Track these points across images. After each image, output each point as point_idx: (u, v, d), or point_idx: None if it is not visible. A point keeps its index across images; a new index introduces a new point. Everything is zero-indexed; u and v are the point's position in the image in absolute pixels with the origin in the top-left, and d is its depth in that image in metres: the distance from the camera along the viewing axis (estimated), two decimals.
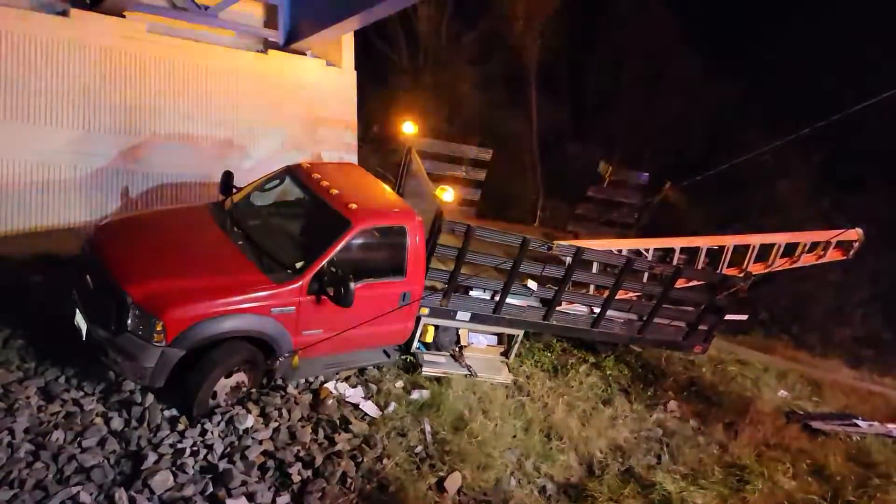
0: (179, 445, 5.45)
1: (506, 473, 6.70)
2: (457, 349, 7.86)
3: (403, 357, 7.47)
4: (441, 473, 6.33)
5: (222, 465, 5.42)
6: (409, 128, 9.33)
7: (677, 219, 9.77)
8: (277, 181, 7.12)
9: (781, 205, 10.96)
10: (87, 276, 5.74)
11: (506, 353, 8.18)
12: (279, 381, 6.33)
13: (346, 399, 6.69)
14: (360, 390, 6.87)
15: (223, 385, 5.91)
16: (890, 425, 9.84)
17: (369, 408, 6.71)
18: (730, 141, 14.32)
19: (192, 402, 5.70)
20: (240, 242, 6.23)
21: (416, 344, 7.44)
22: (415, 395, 7.13)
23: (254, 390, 6.16)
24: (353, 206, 6.37)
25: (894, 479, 8.25)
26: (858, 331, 14.40)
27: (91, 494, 4.88)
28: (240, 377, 6.03)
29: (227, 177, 7.03)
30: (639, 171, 10.90)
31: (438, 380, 7.42)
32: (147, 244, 6.02)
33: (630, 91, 14.69)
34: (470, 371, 7.66)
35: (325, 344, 6.22)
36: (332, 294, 5.91)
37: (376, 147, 11.60)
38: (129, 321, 5.37)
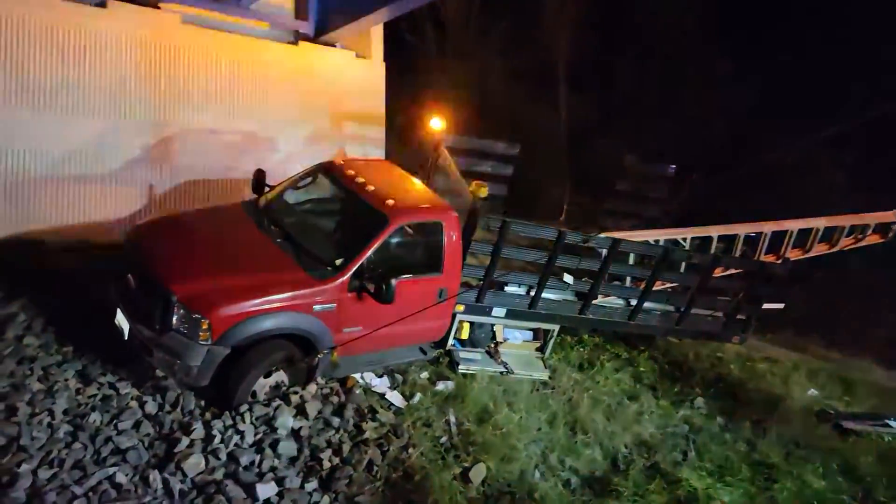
0: (212, 432, 5.55)
1: (530, 466, 6.71)
2: (492, 345, 7.84)
3: (439, 354, 7.47)
4: (466, 464, 6.37)
5: (252, 451, 5.52)
6: (436, 123, 9.32)
7: (705, 212, 9.64)
8: (310, 178, 7.15)
9: (811, 201, 10.74)
10: (129, 276, 5.78)
11: (541, 349, 8.15)
12: (318, 380, 6.35)
13: (373, 388, 6.77)
14: (385, 380, 6.94)
15: (262, 384, 5.95)
16: None
17: (395, 398, 6.78)
18: (755, 137, 14.17)
19: (230, 401, 5.74)
20: (278, 240, 6.25)
21: (451, 341, 7.43)
22: (440, 386, 7.18)
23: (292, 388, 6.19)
24: (391, 202, 6.38)
25: None
26: (892, 331, 14.13)
27: (127, 475, 5.03)
28: (279, 376, 6.07)
29: (260, 175, 7.05)
30: (665, 165, 10.80)
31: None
32: (187, 243, 6.08)
33: (657, 87, 14.53)
34: (506, 367, 7.65)
35: (363, 341, 6.22)
36: (372, 291, 5.92)
37: (402, 140, 11.63)
38: (173, 320, 5.42)
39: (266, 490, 5.23)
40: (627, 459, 7.34)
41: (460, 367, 7.41)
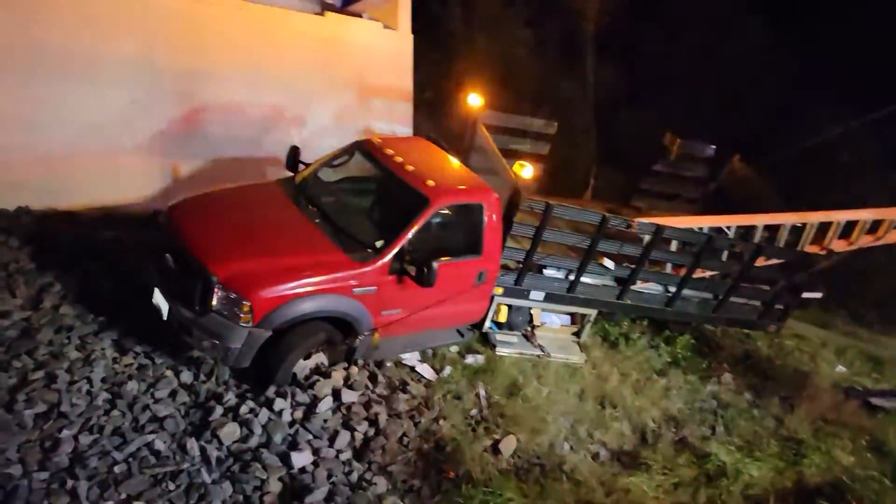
0: (248, 404, 5.59)
1: (559, 438, 6.74)
2: (529, 329, 7.80)
3: (477, 337, 7.43)
4: (496, 436, 6.41)
5: (287, 422, 5.56)
6: (474, 100, 9.09)
7: (745, 194, 9.47)
8: (346, 156, 7.03)
9: (852, 180, 10.55)
10: (167, 256, 5.72)
11: (578, 333, 8.11)
12: (359, 362, 6.32)
13: (403, 362, 6.79)
14: (416, 353, 6.95)
15: (302, 366, 5.94)
16: None
17: (425, 371, 6.80)
18: (797, 113, 13.87)
19: (271, 382, 5.73)
20: (316, 220, 6.17)
21: (488, 323, 7.38)
22: (469, 359, 7.19)
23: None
24: (431, 182, 6.27)
25: None
26: None
27: (165, 442, 5.09)
28: (319, 358, 6.05)
29: (295, 152, 6.92)
30: (704, 143, 10.55)
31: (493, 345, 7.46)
32: (225, 223, 5.99)
33: (689, 59, 14.23)
34: (543, 351, 7.62)
35: (402, 324, 6.19)
36: (413, 274, 5.85)
37: (431, 116, 11.52)
38: (213, 301, 5.39)
39: (301, 459, 5.28)
40: (656, 434, 7.35)
41: (497, 349, 7.36)
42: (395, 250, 5.90)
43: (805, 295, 9.05)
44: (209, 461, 5.07)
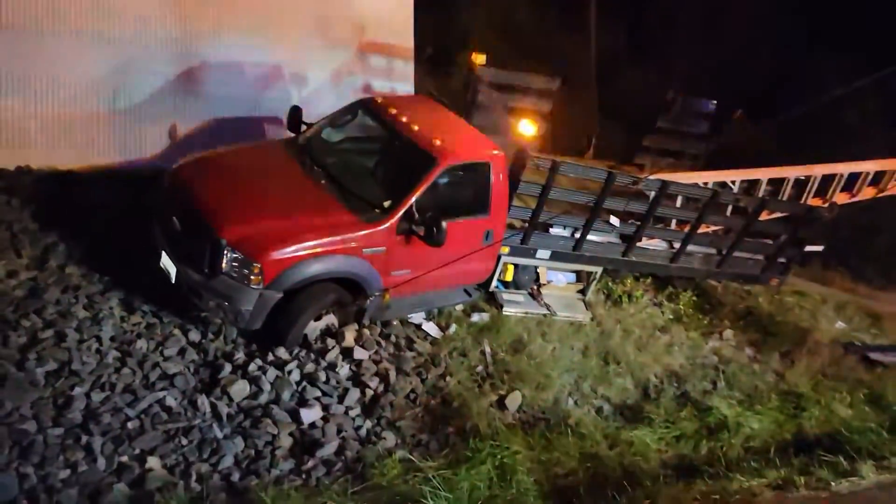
0: (256, 362, 5.63)
1: (564, 394, 6.84)
2: (535, 287, 7.80)
3: (483, 296, 7.42)
4: (501, 392, 6.50)
5: (296, 380, 5.61)
6: (476, 57, 8.94)
7: (747, 149, 9.42)
8: (350, 116, 6.93)
9: (854, 138, 10.49)
10: (174, 219, 5.67)
11: (583, 291, 8.12)
12: (367, 322, 6.32)
13: (409, 320, 6.82)
14: (421, 312, 6.97)
15: (313, 327, 5.93)
16: None
17: (431, 328, 6.85)
18: (797, 71, 13.70)
19: (282, 344, 5.75)
20: (322, 181, 6.11)
21: (494, 283, 7.37)
22: (475, 317, 7.23)
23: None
24: (438, 142, 6.20)
25: None
26: None
27: (176, 399, 5.15)
28: (329, 319, 6.05)
29: (296, 112, 6.79)
30: (706, 99, 10.45)
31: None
32: (231, 184, 5.93)
33: (695, 15, 13.97)
34: (549, 310, 7.64)
35: (410, 284, 6.19)
36: (422, 234, 5.83)
37: (433, 74, 11.33)
38: (223, 264, 5.35)
39: (310, 415, 5.35)
40: (658, 388, 7.46)
41: (504, 309, 7.38)
42: (404, 210, 5.87)
43: (807, 248, 9.08)
44: (220, 417, 5.15)
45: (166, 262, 5.71)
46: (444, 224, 5.68)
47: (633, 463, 6.20)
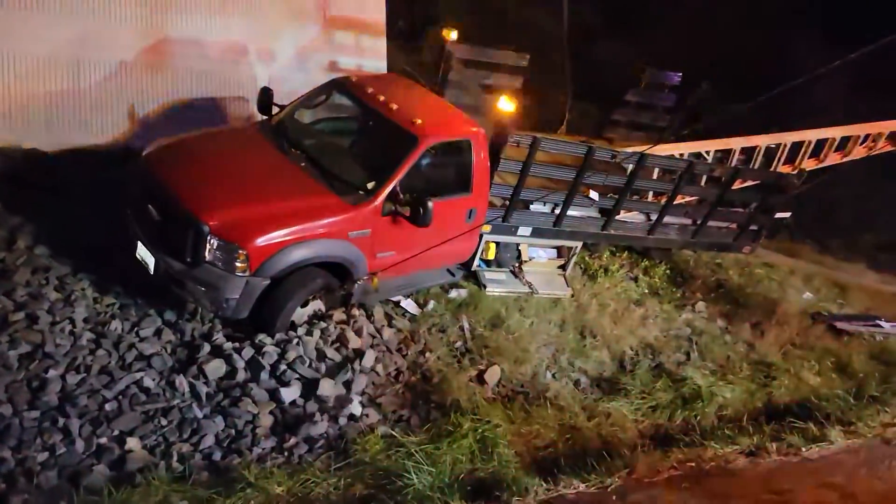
0: (236, 343, 5.57)
1: (542, 367, 6.91)
2: (517, 265, 7.81)
3: (466, 275, 7.40)
4: (481, 367, 6.54)
5: (273, 354, 5.55)
6: (451, 34, 8.80)
7: (715, 119, 9.52)
8: (323, 96, 6.78)
9: (819, 108, 10.68)
10: (150, 207, 5.48)
11: (563, 267, 8.15)
12: (355, 306, 6.24)
13: (388, 297, 6.80)
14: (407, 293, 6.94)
15: (300, 313, 5.83)
16: None
17: (409, 305, 6.84)
18: (768, 43, 13.84)
19: (270, 332, 5.63)
20: (302, 164, 5.97)
21: (476, 262, 7.35)
22: (453, 293, 7.23)
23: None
24: (419, 121, 6.09)
25: None
26: (882, 236, 14.43)
27: (153, 380, 5.08)
28: (316, 304, 5.96)
29: (266, 93, 6.58)
30: (670, 72, 10.54)
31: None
32: (209, 170, 5.76)
33: None
34: (531, 288, 7.65)
35: (395, 266, 6.12)
36: (407, 214, 5.76)
37: (405, 50, 11.19)
38: (206, 252, 5.21)
39: (290, 393, 5.32)
40: (634, 360, 7.57)
41: (487, 289, 7.37)
42: (388, 191, 5.78)
43: (777, 215, 9.26)
44: (199, 397, 5.10)
45: (143, 252, 5.52)
46: (430, 204, 5.60)
47: (610, 433, 6.31)
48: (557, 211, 7.46)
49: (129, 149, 7.63)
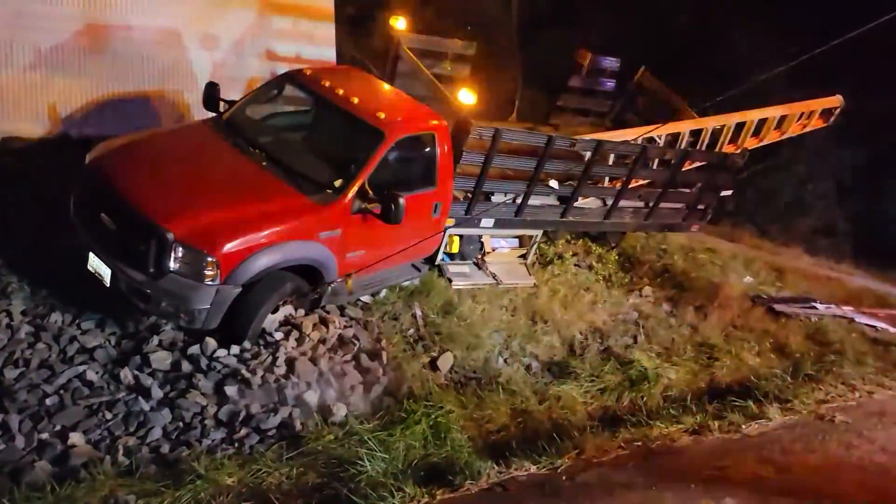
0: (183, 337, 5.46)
1: (494, 353, 6.98)
2: (480, 256, 7.80)
3: (431, 269, 7.32)
4: (433, 354, 6.57)
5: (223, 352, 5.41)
6: (400, 23, 8.67)
7: (655, 106, 9.73)
8: (276, 90, 6.58)
9: (757, 94, 11.03)
10: (104, 216, 5.16)
11: (525, 256, 8.20)
12: (326, 310, 6.10)
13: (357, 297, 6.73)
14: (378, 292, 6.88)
15: (272, 319, 5.63)
16: (845, 307, 10.48)
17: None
18: (712, 32, 14.21)
19: (241, 342, 5.42)
20: (263, 163, 5.72)
21: (440, 255, 7.28)
22: (405, 281, 7.23)
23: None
24: (382, 115, 5.94)
25: (847, 355, 8.88)
26: (817, 221, 15.09)
27: (97, 373, 4.95)
28: (287, 309, 5.78)
29: (213, 89, 6.26)
30: (609, 57, 10.64)
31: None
32: (165, 173, 5.47)
33: None
34: (495, 279, 7.67)
35: (363, 265, 5.98)
36: (378, 211, 5.61)
37: (355, 36, 11.03)
38: (171, 261, 4.94)
39: (235, 389, 5.17)
40: (583, 345, 7.72)
41: (453, 283, 7.34)
42: (357, 188, 5.63)
43: (722, 193, 9.56)
44: (145, 389, 4.97)
45: (97, 263, 5.19)
46: (402, 200, 5.47)
47: (561, 416, 6.42)
48: (519, 201, 7.46)
49: (66, 135, 7.40)
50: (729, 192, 9.90)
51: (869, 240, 15.79)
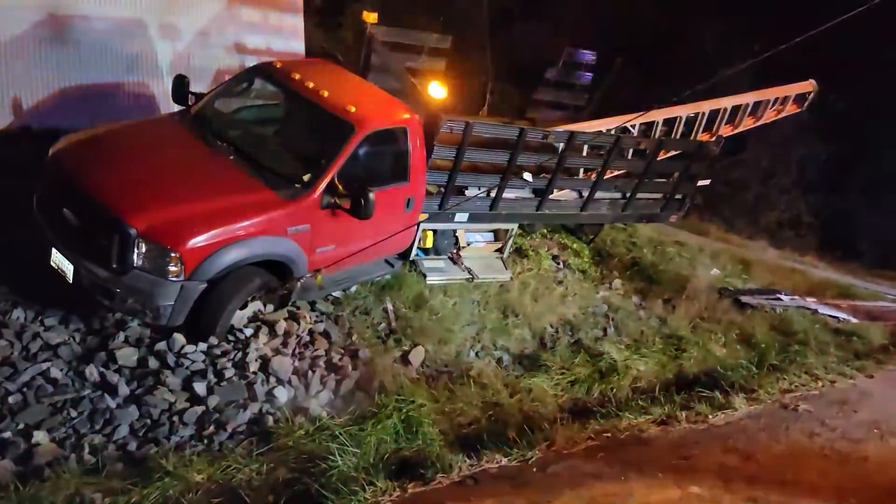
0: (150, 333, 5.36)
1: (465, 346, 7.01)
2: (455, 251, 7.77)
3: (405, 265, 7.31)
4: (405, 348, 6.56)
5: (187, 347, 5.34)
6: (368, 16, 8.61)
7: (630, 97, 9.84)
8: (245, 84, 6.48)
9: (724, 87, 11.22)
10: (66, 211, 5.05)
11: (501, 250, 8.20)
12: (296, 305, 6.03)
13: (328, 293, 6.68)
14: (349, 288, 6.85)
15: (240, 315, 5.56)
16: (808, 299, 10.73)
17: None
18: (680, 25, 14.37)
19: (207, 339, 5.35)
20: (231, 157, 5.62)
21: (414, 251, 7.22)
22: (378, 277, 7.20)
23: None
24: (353, 108, 5.86)
25: (810, 346, 9.10)
26: (782, 215, 15.40)
27: (61, 370, 4.86)
28: (256, 305, 5.73)
29: (181, 82, 6.17)
30: (585, 51, 10.72)
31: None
32: (130, 166, 5.33)
33: None
34: (471, 274, 7.65)
35: (335, 260, 5.92)
36: (348, 206, 5.55)
37: (324, 27, 10.92)
38: (134, 257, 4.85)
39: (203, 387, 5.12)
40: (554, 337, 7.78)
41: (428, 279, 7.32)
42: (326, 183, 5.56)
43: (699, 183, 9.66)
44: (111, 386, 4.89)
45: (59, 259, 5.09)
46: (371, 195, 5.43)
47: (532, 408, 6.46)
48: (493, 194, 7.45)
49: (28, 128, 7.22)
50: (707, 183, 9.98)
51: (832, 232, 16.19)
